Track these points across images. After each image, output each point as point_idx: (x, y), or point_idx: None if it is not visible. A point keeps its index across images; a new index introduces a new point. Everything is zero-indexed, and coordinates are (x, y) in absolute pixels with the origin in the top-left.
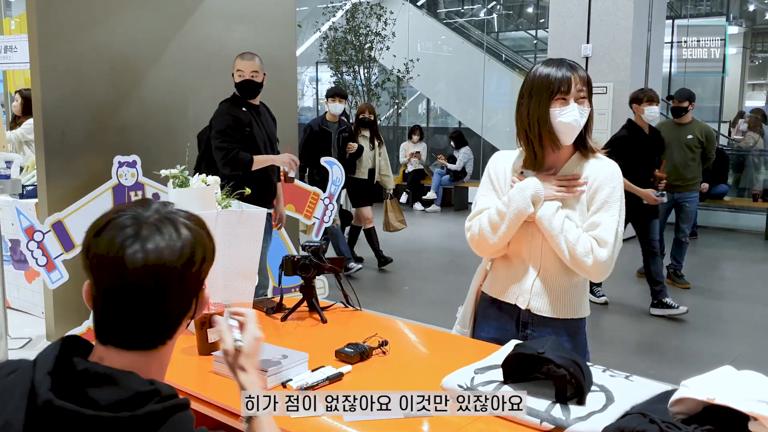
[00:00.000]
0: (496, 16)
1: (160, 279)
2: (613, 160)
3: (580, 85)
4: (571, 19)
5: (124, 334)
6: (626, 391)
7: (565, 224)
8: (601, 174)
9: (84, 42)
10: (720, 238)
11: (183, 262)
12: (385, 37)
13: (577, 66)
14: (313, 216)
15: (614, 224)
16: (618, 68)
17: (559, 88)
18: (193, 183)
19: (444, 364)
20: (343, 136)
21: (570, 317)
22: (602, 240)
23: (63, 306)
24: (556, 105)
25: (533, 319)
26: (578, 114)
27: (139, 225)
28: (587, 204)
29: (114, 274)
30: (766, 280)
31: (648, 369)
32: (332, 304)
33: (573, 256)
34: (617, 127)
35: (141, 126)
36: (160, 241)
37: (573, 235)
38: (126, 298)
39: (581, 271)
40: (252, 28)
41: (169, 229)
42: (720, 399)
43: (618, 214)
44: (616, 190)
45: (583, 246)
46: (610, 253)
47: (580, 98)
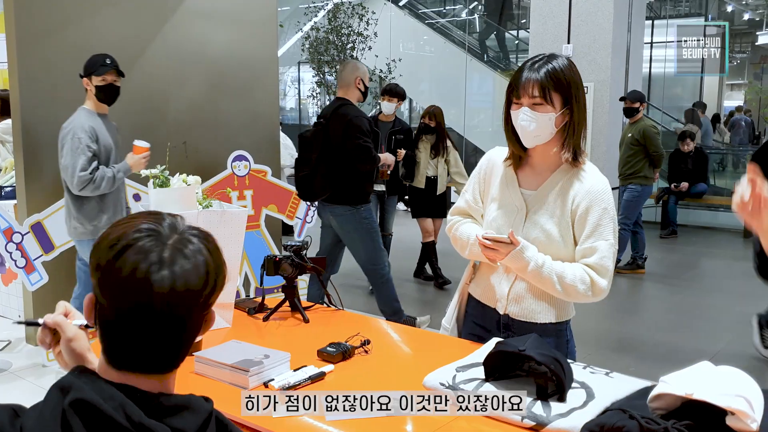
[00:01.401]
0: (478, 16)
1: (186, 304)
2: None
3: (536, 90)
4: (552, 19)
5: (147, 359)
6: (606, 388)
7: (554, 276)
8: (588, 193)
9: (63, 42)
10: (700, 237)
11: (207, 286)
12: (367, 38)
13: (548, 68)
14: (295, 216)
15: (612, 250)
16: (599, 68)
17: (514, 90)
18: (174, 183)
19: (426, 363)
20: (396, 138)
21: (550, 321)
22: (601, 268)
23: (43, 308)
24: (514, 108)
25: (513, 323)
26: (526, 119)
27: (161, 247)
28: (572, 219)
29: (138, 299)
30: (745, 277)
31: (628, 366)
32: (314, 304)
33: (575, 295)
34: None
35: (121, 126)
36: (186, 264)
37: (569, 276)
38: (150, 324)
39: (579, 301)
40: (233, 28)
41: (190, 251)
42: (698, 394)
43: (613, 236)
44: (608, 211)
45: (582, 283)
46: (610, 278)
47: (533, 104)
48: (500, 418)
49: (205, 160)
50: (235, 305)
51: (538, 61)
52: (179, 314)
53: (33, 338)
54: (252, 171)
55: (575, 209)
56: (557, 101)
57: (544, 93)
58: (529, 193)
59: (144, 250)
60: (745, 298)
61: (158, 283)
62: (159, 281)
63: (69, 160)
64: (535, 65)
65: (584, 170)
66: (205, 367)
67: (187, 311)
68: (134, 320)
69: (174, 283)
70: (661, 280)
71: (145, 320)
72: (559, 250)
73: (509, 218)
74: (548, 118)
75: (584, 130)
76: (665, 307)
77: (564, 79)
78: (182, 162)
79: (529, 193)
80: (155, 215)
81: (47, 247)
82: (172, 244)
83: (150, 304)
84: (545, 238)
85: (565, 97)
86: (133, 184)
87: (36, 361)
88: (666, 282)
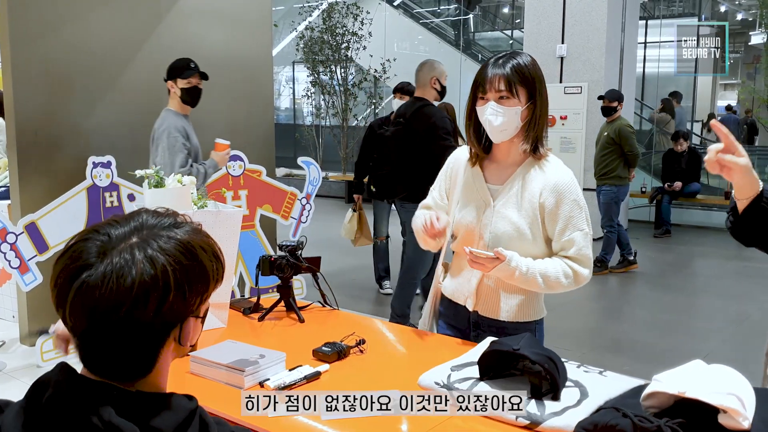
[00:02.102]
0: (473, 16)
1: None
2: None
3: (503, 84)
4: (546, 19)
5: (106, 365)
6: (600, 387)
7: (539, 271)
8: (556, 187)
9: (58, 42)
10: (693, 236)
11: (145, 288)
12: (361, 37)
13: (512, 63)
14: (290, 216)
15: (588, 238)
16: (593, 68)
17: (480, 86)
18: (169, 183)
19: (421, 362)
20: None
21: (520, 320)
22: (582, 258)
23: (37, 308)
24: (480, 103)
25: (481, 320)
26: (493, 113)
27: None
28: (541, 214)
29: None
30: (738, 277)
31: (623, 365)
32: (310, 304)
33: (558, 289)
34: (592, 126)
35: (116, 126)
36: (118, 263)
37: (553, 273)
38: (91, 325)
39: (564, 291)
40: (228, 27)
41: (137, 252)
42: (690, 392)
43: (586, 225)
44: (577, 201)
45: (565, 277)
46: (591, 265)
47: (499, 98)
48: (495, 416)
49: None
50: (230, 305)
51: (502, 58)
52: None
53: (27, 339)
54: (247, 171)
55: (543, 203)
56: (522, 95)
57: (510, 87)
58: (496, 187)
59: (75, 256)
60: (738, 298)
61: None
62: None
63: (167, 158)
64: (500, 61)
65: (548, 162)
66: (200, 367)
67: (127, 314)
68: (76, 323)
69: (102, 282)
70: (655, 279)
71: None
72: (528, 245)
73: (478, 213)
74: (514, 112)
75: (546, 123)
76: (659, 306)
77: (529, 74)
78: None
79: (495, 188)
80: (125, 217)
81: (41, 247)
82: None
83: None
84: (515, 231)
85: (530, 92)
86: (127, 184)
87: (31, 361)
88: (659, 281)
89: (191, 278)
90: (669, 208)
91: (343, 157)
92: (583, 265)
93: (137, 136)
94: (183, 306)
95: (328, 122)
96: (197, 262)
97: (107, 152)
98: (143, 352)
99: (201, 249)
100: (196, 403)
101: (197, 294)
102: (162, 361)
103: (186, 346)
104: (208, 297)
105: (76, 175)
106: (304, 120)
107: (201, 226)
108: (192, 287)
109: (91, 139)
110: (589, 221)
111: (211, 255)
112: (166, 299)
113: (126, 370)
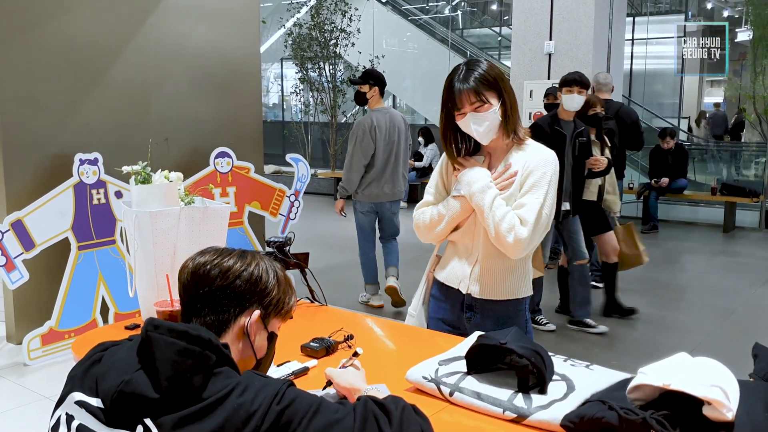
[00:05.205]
0: (461, 13)
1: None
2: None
3: (473, 97)
4: (534, 16)
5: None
6: (587, 380)
7: (495, 201)
8: (534, 160)
9: (42, 38)
10: (680, 232)
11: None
12: (350, 34)
13: (474, 75)
14: (279, 213)
15: (537, 206)
16: (580, 65)
17: (454, 104)
18: (156, 179)
19: (409, 357)
20: (579, 141)
21: (509, 298)
22: (524, 219)
23: (24, 306)
24: (459, 117)
25: (475, 302)
26: (476, 121)
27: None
28: (519, 187)
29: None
30: (725, 272)
31: (610, 360)
32: (298, 300)
33: (497, 232)
34: None
35: (102, 123)
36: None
37: (501, 212)
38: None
39: (502, 247)
40: (215, 24)
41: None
42: (675, 385)
43: (543, 196)
44: (546, 174)
45: (507, 223)
46: (530, 232)
47: (475, 108)
48: (482, 410)
49: (188, 156)
50: None
51: (462, 72)
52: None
53: (14, 337)
54: (235, 168)
55: (524, 177)
56: (493, 98)
57: (480, 96)
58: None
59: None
60: (724, 293)
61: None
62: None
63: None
64: (461, 76)
65: (528, 144)
66: None
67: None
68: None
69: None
70: (642, 274)
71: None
72: None
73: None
74: (493, 112)
75: (517, 110)
76: (645, 301)
77: (491, 78)
78: (164, 158)
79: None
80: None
81: (28, 245)
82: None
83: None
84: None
85: (497, 92)
86: (114, 181)
87: (17, 360)
88: (646, 276)
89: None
90: (656, 204)
91: (332, 154)
92: (523, 225)
93: (124, 132)
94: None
95: (316, 119)
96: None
97: (94, 149)
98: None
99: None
100: (253, 380)
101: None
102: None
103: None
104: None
105: (62, 173)
106: (292, 117)
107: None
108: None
109: (78, 136)
110: (550, 197)
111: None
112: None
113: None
